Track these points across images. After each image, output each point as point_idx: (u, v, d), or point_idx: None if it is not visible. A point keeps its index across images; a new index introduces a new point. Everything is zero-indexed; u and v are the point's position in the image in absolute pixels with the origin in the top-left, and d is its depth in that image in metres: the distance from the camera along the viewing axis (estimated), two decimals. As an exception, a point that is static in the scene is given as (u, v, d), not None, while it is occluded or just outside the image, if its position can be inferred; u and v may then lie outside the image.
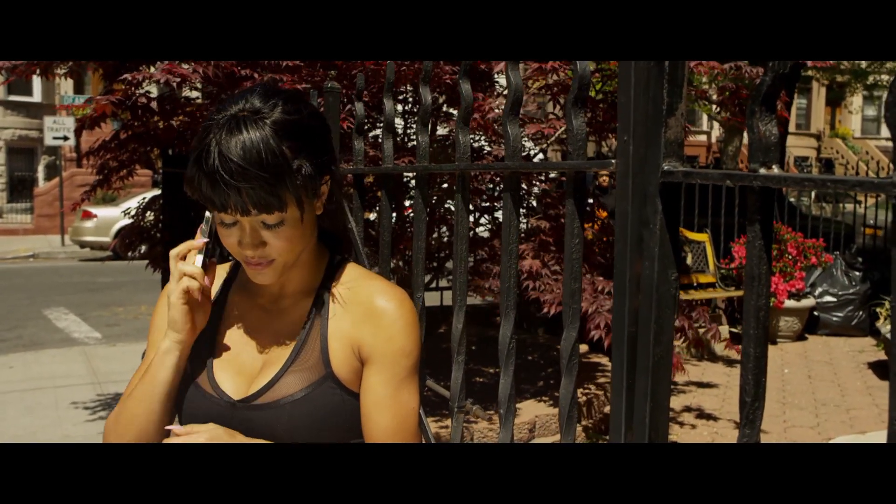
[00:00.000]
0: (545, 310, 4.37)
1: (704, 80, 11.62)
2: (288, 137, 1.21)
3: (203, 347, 1.37)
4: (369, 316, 1.31)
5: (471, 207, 5.24)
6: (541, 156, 5.75)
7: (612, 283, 4.29)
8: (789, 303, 8.10)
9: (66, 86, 22.44)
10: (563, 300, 1.15)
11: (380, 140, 4.72)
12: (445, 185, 4.91)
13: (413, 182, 5.28)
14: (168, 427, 1.29)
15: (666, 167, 0.97)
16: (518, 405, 4.83)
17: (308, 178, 1.22)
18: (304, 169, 1.21)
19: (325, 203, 1.31)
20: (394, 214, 4.96)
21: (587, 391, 5.38)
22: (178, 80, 4.12)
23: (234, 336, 1.38)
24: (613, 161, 1.03)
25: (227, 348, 1.37)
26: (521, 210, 5.34)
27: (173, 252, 1.33)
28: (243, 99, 1.24)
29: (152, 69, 4.37)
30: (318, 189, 1.27)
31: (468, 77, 1.39)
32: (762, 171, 0.82)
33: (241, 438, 1.26)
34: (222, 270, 1.45)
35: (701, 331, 4.88)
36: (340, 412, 1.29)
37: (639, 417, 1.00)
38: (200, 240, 1.34)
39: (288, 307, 1.37)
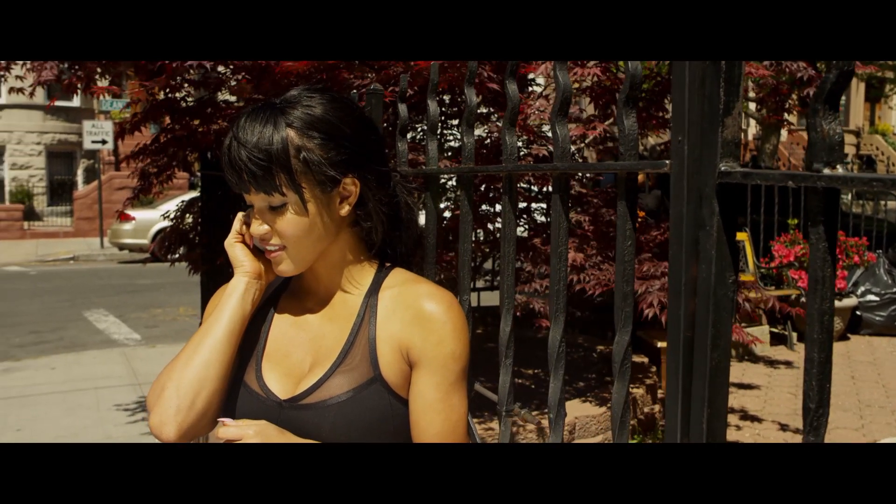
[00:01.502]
0: (589, 292, 4.38)
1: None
2: (302, 127, 1.25)
3: (252, 349, 1.38)
4: (418, 319, 1.30)
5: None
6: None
7: (659, 265, 4.30)
8: (831, 302, 7.96)
9: (105, 91, 22.76)
10: (616, 303, 1.13)
11: (418, 142, 4.72)
12: (483, 186, 4.90)
13: (449, 184, 5.27)
14: (220, 419, 1.29)
15: (723, 168, 0.95)
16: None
17: (312, 167, 1.25)
18: (304, 156, 1.24)
19: (355, 207, 1.31)
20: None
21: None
22: (215, 77, 4.17)
23: (283, 339, 1.38)
24: (667, 161, 1.01)
25: (276, 350, 1.37)
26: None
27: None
28: (291, 92, 1.30)
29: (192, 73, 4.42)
30: (332, 183, 1.27)
31: (514, 78, 1.38)
32: (826, 171, 0.80)
33: (291, 437, 1.26)
34: (276, 281, 1.45)
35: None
36: (387, 417, 1.28)
37: (696, 424, 0.98)
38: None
39: (336, 310, 1.37)
